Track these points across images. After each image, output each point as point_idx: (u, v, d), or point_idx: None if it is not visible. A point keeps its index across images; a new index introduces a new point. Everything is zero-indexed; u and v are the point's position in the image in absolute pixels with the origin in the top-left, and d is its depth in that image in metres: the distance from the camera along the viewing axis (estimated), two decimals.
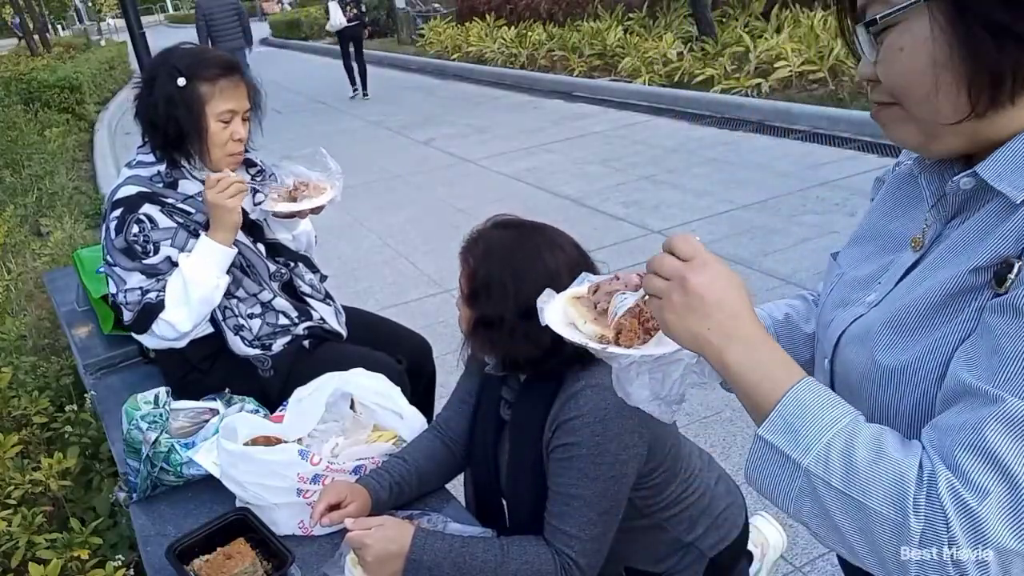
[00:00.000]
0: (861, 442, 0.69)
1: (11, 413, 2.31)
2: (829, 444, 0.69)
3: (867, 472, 0.67)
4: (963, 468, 0.65)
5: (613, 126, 8.08)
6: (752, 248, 4.54)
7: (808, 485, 0.70)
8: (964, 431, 0.66)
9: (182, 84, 1.85)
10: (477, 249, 1.42)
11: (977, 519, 0.62)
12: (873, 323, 0.82)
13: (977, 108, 0.71)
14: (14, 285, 4.19)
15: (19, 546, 1.68)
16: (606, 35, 10.73)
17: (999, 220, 0.73)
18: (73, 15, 41.09)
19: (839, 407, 0.72)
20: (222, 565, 1.40)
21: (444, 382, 2.38)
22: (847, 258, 0.96)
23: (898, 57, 0.74)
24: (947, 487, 0.64)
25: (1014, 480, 0.62)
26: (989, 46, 0.68)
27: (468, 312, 1.43)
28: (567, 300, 1.01)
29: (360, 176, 7.00)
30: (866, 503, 0.67)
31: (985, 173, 0.73)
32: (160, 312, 1.82)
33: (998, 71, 0.69)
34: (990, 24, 0.68)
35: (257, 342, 2.01)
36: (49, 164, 7.31)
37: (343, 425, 1.74)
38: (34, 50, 18.04)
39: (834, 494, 0.69)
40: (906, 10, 0.71)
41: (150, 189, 1.89)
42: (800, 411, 0.72)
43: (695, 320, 0.78)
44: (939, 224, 0.82)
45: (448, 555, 1.35)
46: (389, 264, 5.07)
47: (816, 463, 0.70)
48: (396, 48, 17.20)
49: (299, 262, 2.14)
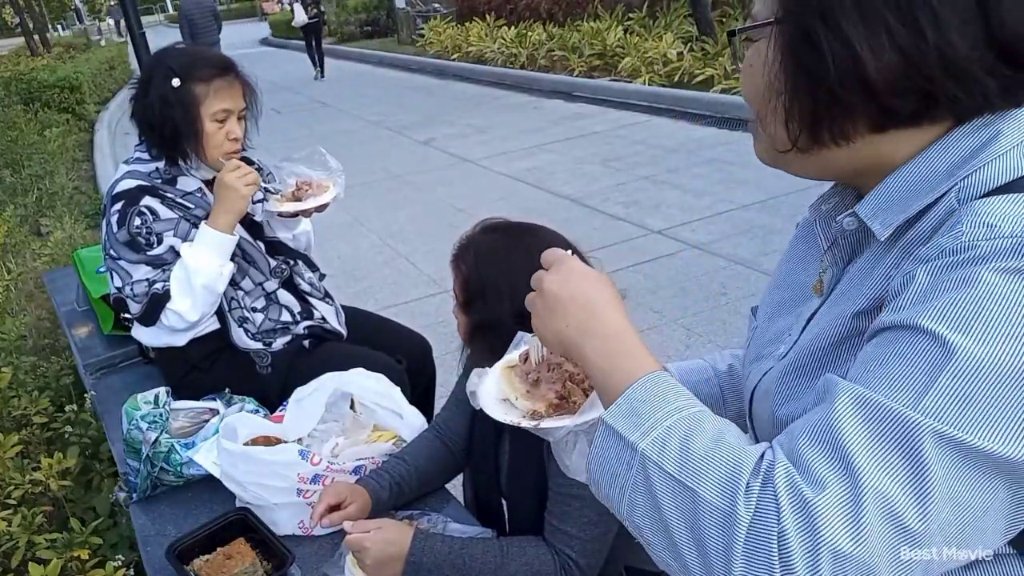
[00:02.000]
0: (704, 430, 0.65)
1: (11, 413, 2.31)
2: (670, 428, 0.66)
3: (703, 458, 0.63)
4: (804, 458, 0.60)
5: (613, 126, 8.08)
6: (752, 248, 4.54)
7: (642, 475, 0.65)
8: (810, 421, 0.62)
9: (176, 85, 1.85)
10: (468, 256, 1.41)
11: (811, 513, 0.56)
12: (775, 376, 0.81)
13: (798, 143, 0.71)
14: (14, 285, 4.19)
15: (19, 546, 1.68)
16: (606, 35, 10.73)
17: (878, 261, 0.72)
18: (73, 15, 41.07)
19: (689, 398, 0.69)
20: (222, 565, 1.40)
21: (444, 382, 2.38)
22: (763, 309, 0.94)
23: (748, 72, 0.75)
24: (784, 477, 0.59)
25: (855, 473, 0.57)
26: (804, 83, 0.68)
27: (465, 319, 1.43)
28: (502, 370, 0.99)
29: (360, 176, 7.00)
30: (696, 490, 0.61)
31: (862, 212, 0.72)
32: (167, 302, 1.82)
33: (813, 112, 0.69)
34: (803, 61, 0.68)
35: (259, 336, 2.01)
36: (49, 164, 7.31)
37: (343, 425, 1.74)
38: (34, 50, 18.04)
39: (666, 480, 0.64)
40: (758, 29, 0.72)
41: (149, 183, 1.90)
42: (647, 396, 0.69)
43: (554, 320, 0.79)
44: (836, 268, 0.80)
45: (448, 556, 1.35)
46: (389, 264, 5.07)
47: (652, 445, 0.65)
48: (396, 48, 17.20)
49: (298, 260, 2.15)
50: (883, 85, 0.64)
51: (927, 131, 0.69)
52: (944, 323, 0.59)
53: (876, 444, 0.58)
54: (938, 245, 0.63)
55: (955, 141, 0.68)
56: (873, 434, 0.58)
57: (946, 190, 0.67)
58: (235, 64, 1.97)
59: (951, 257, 0.62)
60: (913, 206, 0.69)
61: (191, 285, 1.82)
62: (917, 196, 0.69)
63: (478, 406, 0.97)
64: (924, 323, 0.60)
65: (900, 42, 0.63)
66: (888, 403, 0.59)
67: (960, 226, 0.63)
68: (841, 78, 0.65)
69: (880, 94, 0.65)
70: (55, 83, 10.87)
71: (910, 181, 0.70)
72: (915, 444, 0.57)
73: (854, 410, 0.60)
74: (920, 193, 0.69)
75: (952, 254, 0.62)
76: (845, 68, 0.65)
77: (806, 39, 0.67)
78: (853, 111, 0.68)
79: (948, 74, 0.64)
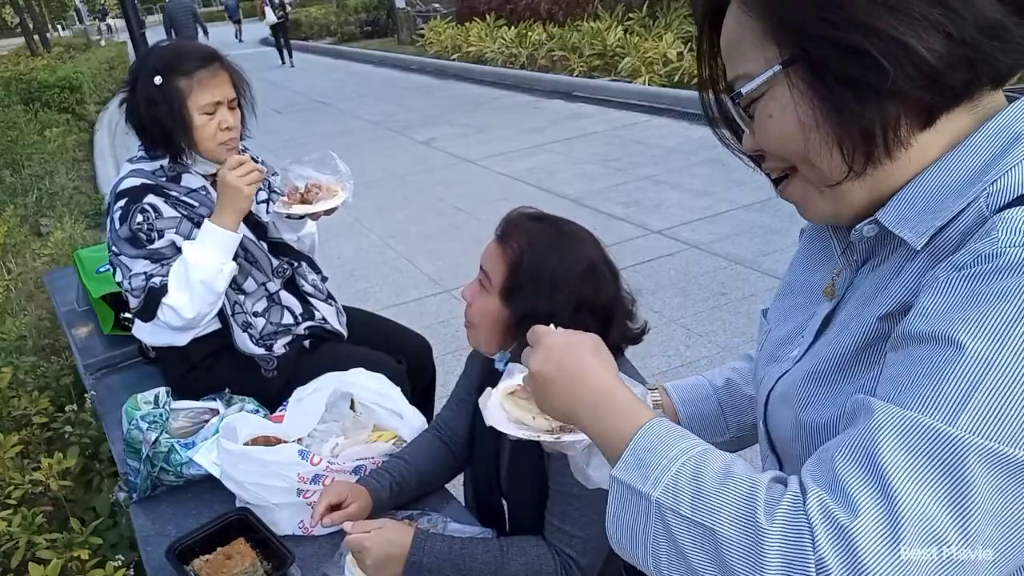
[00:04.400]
0: (711, 466, 0.66)
1: (11, 413, 2.31)
2: (678, 472, 0.66)
3: (714, 494, 0.63)
4: (839, 483, 0.59)
5: (613, 126, 8.08)
6: (752, 248, 4.54)
7: (661, 525, 0.66)
8: (843, 444, 0.61)
9: (159, 83, 1.85)
10: (520, 237, 1.35)
11: (849, 539, 0.56)
12: (795, 379, 0.80)
13: (855, 167, 0.70)
14: (14, 285, 4.19)
15: (19, 546, 1.67)
16: (606, 35, 10.72)
17: (904, 266, 0.72)
18: (73, 15, 41.07)
19: (691, 439, 0.70)
20: (222, 565, 1.40)
21: (444, 382, 2.39)
22: (774, 313, 0.94)
23: (770, 124, 0.73)
24: (817, 503, 0.58)
25: (892, 494, 0.56)
26: (851, 102, 0.67)
27: (498, 305, 1.37)
28: (502, 397, 0.99)
29: (360, 176, 6.93)
30: (715, 529, 0.61)
31: (885, 219, 0.72)
32: (164, 296, 1.82)
33: (865, 127, 0.68)
34: (847, 80, 0.66)
35: (262, 341, 2.01)
36: (49, 164, 7.32)
37: (343, 425, 1.74)
38: (34, 50, 18.04)
39: (684, 524, 0.64)
40: (766, 80, 0.71)
41: (153, 181, 1.90)
42: (650, 445, 0.70)
43: (547, 398, 0.83)
44: (850, 271, 0.80)
45: (448, 556, 1.35)
46: (389, 264, 5.07)
47: (665, 493, 0.66)
48: (396, 48, 17.21)
49: (302, 262, 2.14)
50: (939, 62, 0.64)
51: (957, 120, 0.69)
52: (980, 336, 0.58)
53: (914, 463, 0.57)
54: (973, 251, 0.62)
55: (976, 144, 0.68)
56: (910, 453, 0.57)
57: (975, 195, 0.67)
58: (218, 54, 1.95)
59: (987, 264, 0.61)
60: (944, 212, 0.68)
61: (189, 280, 1.81)
62: (944, 202, 0.68)
63: (489, 423, 0.97)
64: (959, 336, 0.59)
65: (937, 21, 0.64)
66: (925, 420, 0.58)
67: (996, 233, 0.62)
68: (899, 71, 0.65)
69: (939, 72, 0.65)
70: (55, 83, 10.88)
71: (935, 186, 0.69)
72: (955, 460, 0.56)
73: (890, 429, 0.59)
74: (947, 198, 0.68)
75: (988, 260, 0.61)
76: (901, 60, 0.64)
77: (845, 55, 0.66)
78: (906, 106, 0.67)
79: (987, 35, 0.65)
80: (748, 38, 0.72)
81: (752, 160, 0.82)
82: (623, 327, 1.40)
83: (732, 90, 0.76)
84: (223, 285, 1.86)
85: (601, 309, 1.35)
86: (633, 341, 1.44)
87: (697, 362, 3.45)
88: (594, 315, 1.33)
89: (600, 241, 1.43)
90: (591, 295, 1.34)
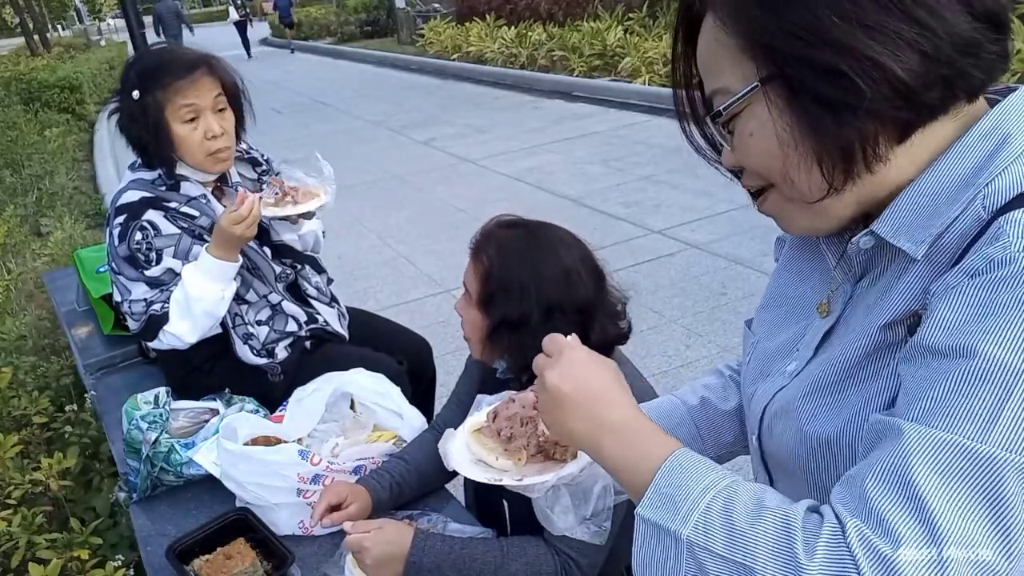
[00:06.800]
0: (741, 500, 0.63)
1: (11, 413, 2.31)
2: (708, 508, 0.64)
3: (748, 531, 0.61)
4: (875, 511, 0.57)
5: (613, 126, 8.08)
6: (752, 248, 4.53)
7: (694, 563, 0.63)
8: (872, 470, 0.60)
9: (136, 97, 1.81)
10: (490, 249, 1.39)
11: (893, 570, 0.55)
12: (796, 394, 0.79)
13: (834, 184, 0.69)
14: (14, 285, 4.18)
15: (19, 546, 1.67)
16: (606, 35, 10.72)
17: (903, 274, 0.71)
18: (73, 15, 41.05)
19: (716, 471, 0.67)
20: (222, 565, 1.40)
21: (444, 382, 2.38)
22: (760, 325, 0.93)
23: (750, 142, 0.73)
24: (856, 535, 0.57)
25: (932, 520, 0.55)
26: (829, 121, 0.66)
27: (479, 316, 1.40)
28: (469, 434, 0.98)
29: (360, 176, 7.00)
30: (754, 567, 0.59)
31: (882, 231, 0.71)
32: (165, 324, 1.81)
33: (844, 145, 0.67)
34: (823, 100, 0.66)
35: (264, 351, 2.00)
36: (49, 164, 7.31)
37: (343, 425, 1.74)
38: (34, 50, 18.04)
39: (719, 563, 0.62)
40: (744, 97, 0.71)
41: (153, 193, 1.87)
42: (677, 480, 0.67)
43: (563, 417, 0.77)
44: (848, 284, 0.79)
45: (448, 556, 1.35)
46: (389, 264, 5.07)
47: (696, 531, 0.63)
48: (396, 48, 17.20)
49: (305, 264, 2.12)
50: (914, 81, 0.64)
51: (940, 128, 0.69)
52: (1003, 346, 0.57)
53: (949, 485, 0.56)
54: (986, 256, 0.61)
55: (965, 148, 0.68)
56: (945, 475, 0.56)
57: (970, 199, 0.66)
58: (206, 59, 1.87)
59: (1001, 270, 0.60)
60: (940, 219, 0.68)
61: (191, 311, 1.80)
62: (939, 208, 0.68)
63: (450, 467, 0.96)
64: (981, 347, 0.58)
65: (912, 39, 0.63)
66: (956, 439, 0.57)
67: (1006, 236, 0.61)
68: (876, 91, 0.64)
69: (914, 91, 0.65)
70: (55, 83, 10.87)
71: (928, 194, 0.69)
72: (992, 479, 0.55)
73: (922, 452, 0.57)
74: (942, 205, 0.68)
75: (1002, 266, 0.60)
76: (877, 80, 0.64)
77: (821, 75, 0.65)
78: (883, 123, 0.67)
79: (962, 52, 0.64)
80: (724, 54, 0.72)
81: (730, 171, 0.82)
82: (605, 328, 1.39)
83: (710, 108, 0.76)
84: (224, 309, 1.85)
85: (575, 312, 1.35)
86: (617, 341, 1.43)
87: (697, 362, 3.45)
88: (568, 318, 1.34)
89: (584, 242, 1.43)
90: (564, 298, 1.35)
